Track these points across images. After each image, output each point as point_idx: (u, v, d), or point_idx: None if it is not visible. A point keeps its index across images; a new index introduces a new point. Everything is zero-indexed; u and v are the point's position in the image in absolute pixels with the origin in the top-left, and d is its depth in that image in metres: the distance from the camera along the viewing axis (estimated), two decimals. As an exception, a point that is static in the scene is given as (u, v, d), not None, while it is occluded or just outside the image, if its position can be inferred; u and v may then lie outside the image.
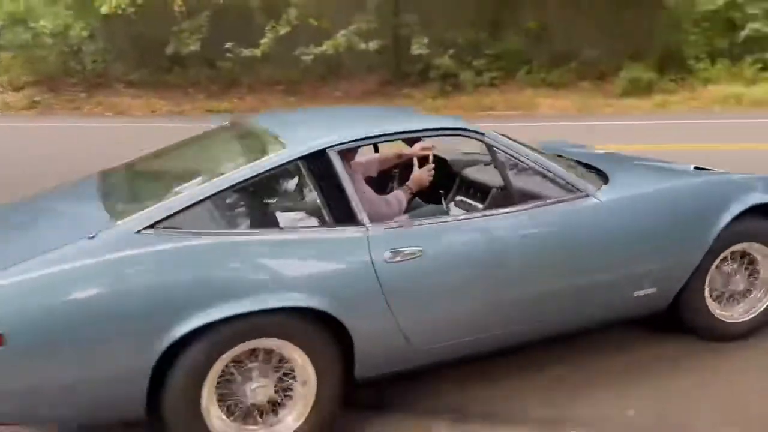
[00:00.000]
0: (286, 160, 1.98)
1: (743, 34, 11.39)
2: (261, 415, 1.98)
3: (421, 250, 1.99)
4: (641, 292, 2.37)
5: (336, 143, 2.04)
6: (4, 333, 1.58)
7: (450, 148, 2.96)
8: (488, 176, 2.57)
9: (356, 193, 2.02)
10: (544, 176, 2.26)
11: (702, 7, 11.61)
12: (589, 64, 12.28)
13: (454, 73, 12.35)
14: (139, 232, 1.79)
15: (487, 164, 2.67)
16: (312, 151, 2.00)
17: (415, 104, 12.20)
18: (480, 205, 2.51)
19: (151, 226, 1.81)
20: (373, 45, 12.46)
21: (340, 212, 1.97)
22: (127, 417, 1.88)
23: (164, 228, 1.82)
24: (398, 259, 1.96)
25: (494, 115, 11.10)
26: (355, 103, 12.01)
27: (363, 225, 1.98)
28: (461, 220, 2.23)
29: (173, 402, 1.80)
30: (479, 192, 2.63)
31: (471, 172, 2.80)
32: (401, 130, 2.29)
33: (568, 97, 11.49)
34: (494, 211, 2.20)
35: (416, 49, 12.31)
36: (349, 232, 1.96)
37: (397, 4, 13.29)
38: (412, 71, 12.89)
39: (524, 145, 2.38)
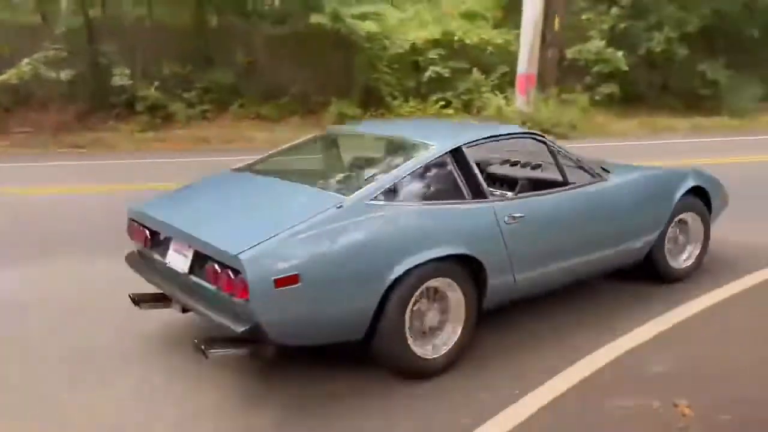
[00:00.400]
0: (440, 153, 2.93)
1: (426, 75, 14.24)
2: (428, 336, 2.81)
3: (523, 216, 2.96)
4: (635, 245, 3.56)
5: (467, 142, 3.04)
6: (300, 274, 2.32)
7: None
8: (514, 171, 3.85)
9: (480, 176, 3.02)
10: (581, 167, 3.45)
11: (392, 51, 14.16)
12: (300, 100, 13.73)
13: (163, 104, 12.48)
14: (366, 202, 2.63)
15: (513, 164, 3.95)
16: (455, 146, 2.96)
17: (122, 137, 11.94)
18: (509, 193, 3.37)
19: (374, 198, 2.65)
20: (65, 74, 12.06)
21: (474, 190, 2.92)
22: (350, 339, 2.61)
23: (380, 200, 2.67)
24: (513, 222, 2.92)
25: (210, 147, 11.55)
26: (52, 135, 11.47)
27: (488, 199, 2.94)
28: (544, 195, 3.20)
29: (388, 326, 2.56)
30: (507, 182, 3.68)
31: (495, 169, 3.95)
32: (496, 133, 3.42)
33: (282, 129, 12.63)
34: (559, 189, 3.29)
35: (118, 80, 12.18)
36: (483, 203, 2.91)
37: (91, 33, 12.95)
38: (117, 102, 12.61)
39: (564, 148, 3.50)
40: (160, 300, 2.99)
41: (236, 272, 2.29)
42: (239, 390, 2.78)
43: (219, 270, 2.38)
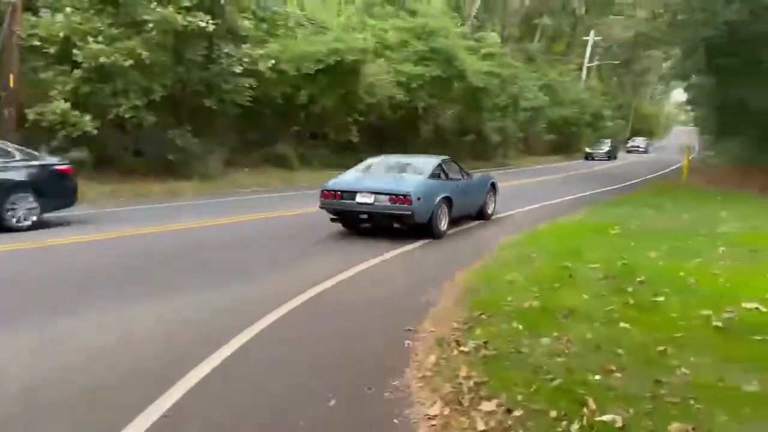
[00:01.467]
0: (440, 161, 10.16)
1: None
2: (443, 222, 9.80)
3: (459, 185, 10.44)
4: (479, 202, 11.16)
5: (447, 159, 10.63)
6: (420, 196, 8.74)
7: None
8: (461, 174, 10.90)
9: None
10: (466, 173, 10.94)
11: None
12: None
13: None
14: (426, 177, 9.35)
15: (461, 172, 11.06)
16: (443, 159, 10.31)
17: None
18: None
19: (429, 177, 9.46)
20: None
21: (451, 176, 10.31)
22: (425, 220, 9.04)
23: (429, 178, 9.42)
24: (457, 187, 10.33)
25: None
26: None
27: (456, 180, 10.43)
28: (465, 180, 10.77)
29: (435, 216, 9.28)
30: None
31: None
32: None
33: None
34: (467, 179, 10.84)
35: None
36: (453, 181, 10.27)
37: None
38: None
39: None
40: (337, 219, 9.43)
41: (405, 196, 8.53)
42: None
43: (396, 197, 8.59)
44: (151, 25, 15.44)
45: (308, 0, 24.57)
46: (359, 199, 8.79)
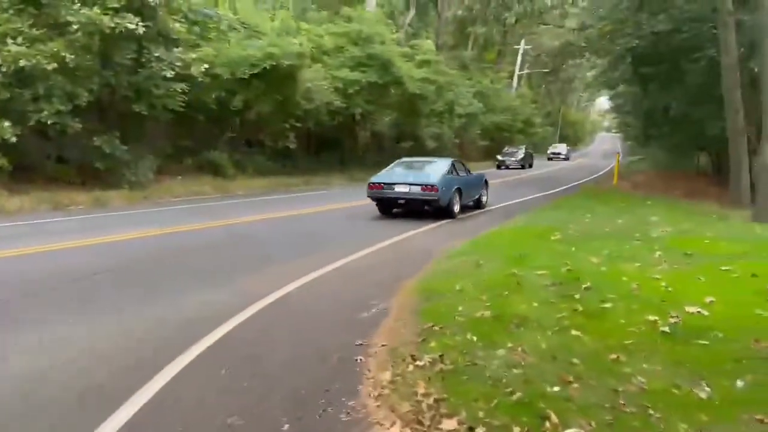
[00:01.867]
0: (452, 161, 13.99)
1: None
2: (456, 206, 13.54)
3: (464, 179, 14.15)
4: (476, 194, 14.56)
5: (456, 159, 15.49)
6: (442, 187, 12.14)
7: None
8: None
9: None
10: (468, 171, 14.57)
11: None
12: None
13: None
14: (444, 173, 12.84)
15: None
16: (453, 160, 14.45)
17: None
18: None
19: (446, 173, 12.86)
20: None
21: (461, 173, 13.83)
22: (445, 205, 12.49)
23: (446, 174, 12.87)
24: (462, 181, 13.82)
25: None
26: None
27: (460, 176, 13.89)
28: (468, 175, 14.57)
29: (453, 202, 12.96)
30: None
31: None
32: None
33: None
34: (470, 174, 14.77)
35: None
36: (458, 177, 13.55)
37: None
38: None
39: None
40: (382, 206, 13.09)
41: (433, 186, 12.04)
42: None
43: (425, 187, 12.04)
44: (75, 26, 14.66)
45: (240, 4, 24.06)
46: (397, 189, 12.30)
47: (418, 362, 4.28)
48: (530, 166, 38.65)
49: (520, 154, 38.48)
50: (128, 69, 16.41)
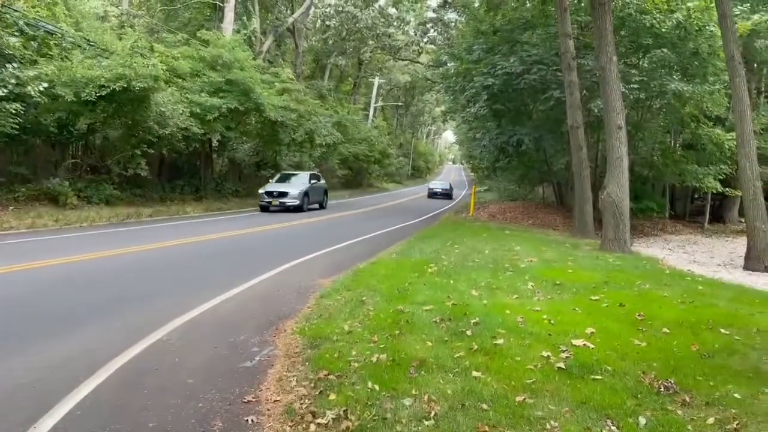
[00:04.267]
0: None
1: None
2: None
3: None
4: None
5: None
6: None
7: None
8: None
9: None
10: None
11: None
12: None
13: None
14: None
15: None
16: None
17: None
18: None
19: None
20: None
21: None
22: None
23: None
24: None
25: None
26: None
27: None
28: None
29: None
30: None
31: None
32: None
33: None
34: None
35: None
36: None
37: None
38: None
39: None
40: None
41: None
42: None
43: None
44: None
45: (87, 21, 22.14)
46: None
47: (319, 420, 3.86)
48: (322, 207, 25.62)
49: (301, 186, 23.54)
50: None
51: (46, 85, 15.76)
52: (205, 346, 5.63)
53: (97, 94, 17.05)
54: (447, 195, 44.55)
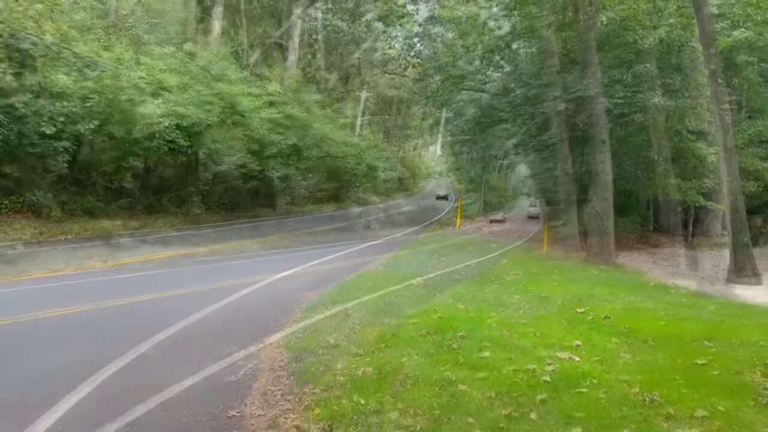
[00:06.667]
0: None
1: None
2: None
3: None
4: None
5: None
6: None
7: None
8: None
9: None
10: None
11: None
12: None
13: None
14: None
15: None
16: None
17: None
18: None
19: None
20: None
21: None
22: None
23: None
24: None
25: None
26: None
27: None
28: None
29: None
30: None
31: None
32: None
33: None
34: None
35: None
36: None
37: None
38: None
39: None
40: None
41: None
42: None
43: None
44: None
45: (73, 33, 22.00)
46: None
47: (304, 435, 3.81)
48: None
49: None
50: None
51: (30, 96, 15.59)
52: (188, 359, 5.57)
53: (83, 106, 16.89)
54: (446, 198, 53.99)
